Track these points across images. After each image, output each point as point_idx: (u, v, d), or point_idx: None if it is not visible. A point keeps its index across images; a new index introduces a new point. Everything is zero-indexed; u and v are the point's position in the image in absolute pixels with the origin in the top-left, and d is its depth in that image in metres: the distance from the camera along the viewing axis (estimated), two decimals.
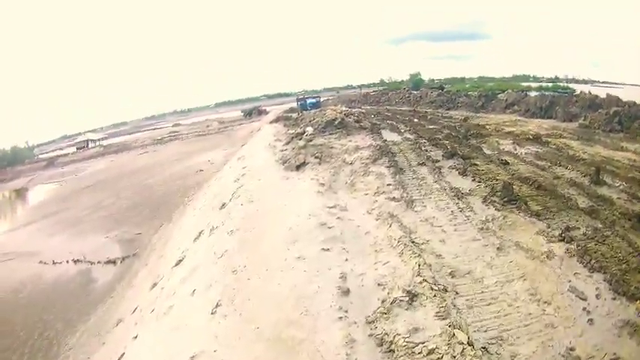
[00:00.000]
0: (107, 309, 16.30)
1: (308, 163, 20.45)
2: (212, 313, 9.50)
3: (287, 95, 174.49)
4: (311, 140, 26.05)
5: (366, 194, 15.68)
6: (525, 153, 20.56)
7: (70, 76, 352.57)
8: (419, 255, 10.14)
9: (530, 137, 23.99)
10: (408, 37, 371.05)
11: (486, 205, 13.65)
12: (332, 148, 23.32)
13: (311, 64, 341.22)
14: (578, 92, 44.68)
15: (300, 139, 26.90)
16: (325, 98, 71.17)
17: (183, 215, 22.99)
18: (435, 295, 8.53)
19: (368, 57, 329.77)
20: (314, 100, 51.84)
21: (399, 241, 11.06)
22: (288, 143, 26.53)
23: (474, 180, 16.18)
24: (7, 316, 17.25)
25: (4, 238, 28.95)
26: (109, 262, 20.58)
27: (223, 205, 17.31)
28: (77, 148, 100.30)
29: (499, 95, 46.10)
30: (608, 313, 8.40)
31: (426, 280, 8.92)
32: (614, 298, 8.70)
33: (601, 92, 37.16)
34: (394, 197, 14.79)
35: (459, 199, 14.42)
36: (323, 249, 11.09)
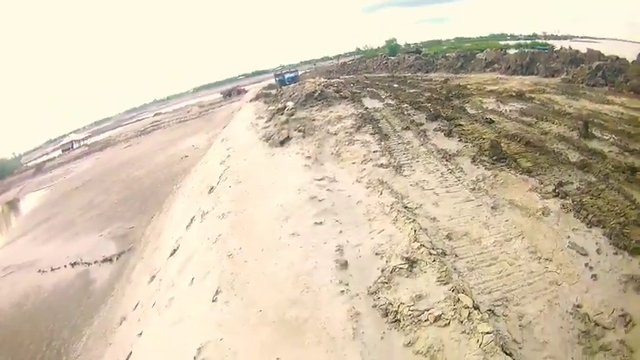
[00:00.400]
0: (109, 308, 16.13)
1: (292, 138, 20.24)
2: (213, 301, 9.30)
3: (265, 72, 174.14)
4: (292, 114, 25.81)
5: (354, 163, 15.53)
6: (510, 110, 20.42)
7: (48, 77, 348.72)
8: (413, 220, 10.04)
9: (514, 94, 23.82)
10: (383, 3, 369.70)
11: (476, 165, 13.60)
12: (314, 120, 23.15)
13: (286, 39, 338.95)
14: (557, 48, 44.68)
15: (282, 115, 26.66)
16: (303, 72, 70.53)
17: (174, 203, 22.84)
18: (434, 260, 8.42)
19: (343, 26, 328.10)
20: (292, 75, 51.61)
21: (391, 208, 10.94)
22: (270, 120, 26.22)
23: (460, 140, 16.07)
24: (14, 330, 17.11)
25: (1, 253, 28.48)
26: (105, 260, 20.36)
27: (211, 189, 17.08)
28: (62, 151, 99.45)
29: (478, 55, 45.83)
30: (612, 269, 8.41)
31: (423, 246, 8.79)
32: (616, 253, 8.72)
33: (581, 47, 37.18)
34: (382, 164, 14.68)
35: (447, 160, 14.35)
36: (316, 223, 10.92)
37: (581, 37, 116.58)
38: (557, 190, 11.15)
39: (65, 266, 21.07)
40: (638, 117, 17.94)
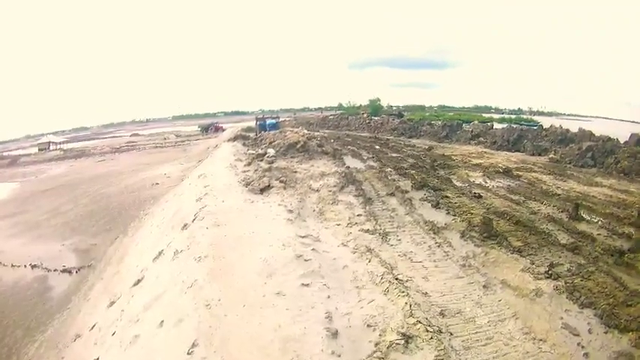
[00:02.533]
0: (64, 321, 15.51)
1: (272, 187, 20.05)
2: (188, 354, 8.82)
3: (244, 113, 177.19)
4: (273, 162, 25.88)
5: (338, 224, 15.35)
6: (497, 186, 20.62)
7: (37, 75, 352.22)
8: (407, 294, 9.75)
9: (501, 170, 24.14)
10: (372, 62, 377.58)
11: (465, 241, 13.44)
12: (296, 172, 23.19)
13: (269, 83, 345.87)
14: (543, 125, 45.49)
15: (262, 161, 26.67)
16: (282, 119, 70.94)
17: (140, 229, 22.10)
18: (431, 338, 8.17)
19: (328, 80, 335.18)
20: (273, 121, 52.26)
21: (382, 278, 10.60)
22: (249, 164, 26.10)
23: (448, 213, 16.04)
24: None
25: None
26: (65, 270, 19.82)
27: (185, 226, 16.37)
28: (39, 149, 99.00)
29: (464, 126, 46.61)
30: (602, 347, 8.50)
31: (420, 322, 8.53)
32: (606, 332, 8.81)
33: (568, 125, 37.89)
34: (368, 229, 14.52)
35: (434, 233, 14.22)
36: (303, 284, 10.43)
37: (568, 115, 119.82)
38: (550, 272, 11.03)
39: (25, 266, 20.62)
40: (626, 200, 18.43)
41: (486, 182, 21.48)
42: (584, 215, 15.91)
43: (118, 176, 42.04)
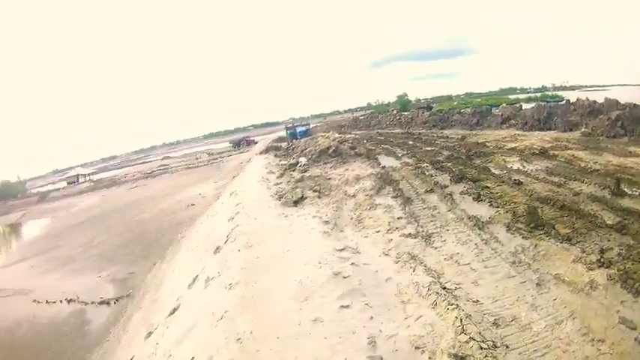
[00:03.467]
0: (103, 354, 15.04)
1: (306, 198, 19.22)
2: None
3: (275, 124, 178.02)
4: (306, 171, 25.17)
5: (378, 231, 14.26)
6: (536, 169, 19.40)
7: (60, 109, 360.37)
8: (457, 306, 8.69)
9: (536, 152, 22.95)
10: (391, 58, 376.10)
11: (512, 234, 12.29)
12: (330, 179, 22.22)
13: (296, 92, 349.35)
14: (569, 99, 44.18)
15: (294, 171, 26.10)
16: (313, 125, 70.83)
17: (177, 254, 21.61)
18: (486, 356, 7.21)
19: (353, 81, 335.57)
20: (304, 129, 51.30)
21: (428, 289, 9.54)
22: (282, 176, 25.46)
23: (490, 205, 14.83)
24: (2, 357, 16.45)
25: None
26: (102, 302, 19.44)
27: (218, 249, 15.69)
28: (68, 183, 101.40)
29: (494, 110, 45.43)
30: None
31: (473, 339, 7.53)
32: None
33: (594, 96, 36.41)
34: (410, 233, 13.44)
35: (480, 229, 13.06)
36: (342, 306, 9.37)
37: (590, 87, 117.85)
38: (601, 260, 9.93)
39: (61, 301, 20.30)
40: None
41: (524, 166, 20.28)
42: (626, 190, 14.80)
43: (152, 201, 42.06)
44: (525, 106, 45.02)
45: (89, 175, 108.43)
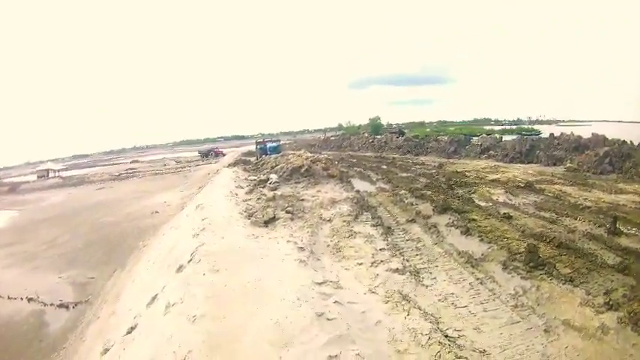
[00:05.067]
0: None
1: (278, 219, 17.86)
2: None
3: (244, 137, 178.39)
4: (276, 189, 24.28)
5: (360, 264, 12.99)
6: (524, 203, 18.67)
7: (38, 102, 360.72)
8: (465, 358, 7.66)
9: (522, 185, 22.36)
10: (369, 80, 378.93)
11: (509, 273, 11.28)
12: (303, 200, 21.28)
13: (268, 107, 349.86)
14: (544, 133, 44.27)
15: (264, 187, 25.17)
16: (283, 142, 69.98)
17: (137, 264, 20.34)
18: None
19: (327, 101, 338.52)
20: (274, 145, 50.97)
21: (429, 338, 8.36)
22: (251, 192, 24.27)
23: (481, 240, 13.74)
24: None
25: None
26: (61, 305, 18.30)
27: (180, 268, 13.74)
28: (38, 177, 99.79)
29: (473, 140, 44.89)
30: None
31: None
32: None
33: (569, 132, 36.45)
34: (397, 268, 12.21)
35: (472, 266, 12.07)
36: (330, 357, 8.05)
37: (567, 121, 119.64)
38: (609, 302, 9.39)
39: (22, 299, 19.20)
40: None
41: (510, 199, 19.46)
42: (621, 228, 14.33)
43: (118, 204, 41.19)
44: (505, 137, 44.55)
45: (59, 171, 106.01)
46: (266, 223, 17.36)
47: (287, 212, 18.62)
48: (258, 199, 21.75)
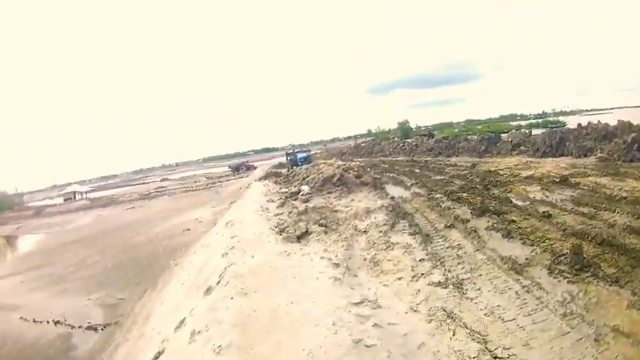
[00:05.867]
0: None
1: (312, 233, 17.18)
2: None
3: (274, 150, 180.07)
4: (308, 201, 23.62)
5: (399, 278, 12.20)
6: (561, 199, 17.78)
7: (64, 125, 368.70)
8: None
9: (557, 180, 21.36)
10: (392, 85, 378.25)
11: (555, 278, 10.54)
12: (336, 211, 20.52)
13: (296, 118, 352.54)
14: (569, 124, 43.36)
15: (296, 200, 24.54)
16: (313, 152, 69.44)
17: (168, 284, 19.72)
18: None
19: (353, 108, 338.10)
20: (305, 155, 50.00)
21: None
22: (282, 205, 23.67)
23: (524, 243, 12.95)
24: None
25: None
26: (90, 327, 18.19)
27: (209, 290, 13.05)
28: (64, 199, 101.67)
29: (503, 137, 43.94)
30: None
31: None
32: None
33: (594, 120, 35.43)
34: (439, 281, 11.45)
35: (518, 273, 11.27)
36: None
37: (590, 110, 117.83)
38: None
39: (48, 322, 19.05)
40: None
41: (547, 196, 18.61)
42: None
43: (148, 224, 41.13)
44: (534, 132, 43.60)
45: (86, 192, 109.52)
46: (298, 238, 16.74)
47: (320, 225, 17.99)
48: (290, 212, 21.13)
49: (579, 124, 35.20)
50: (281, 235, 17.22)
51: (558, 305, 9.44)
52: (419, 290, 11.21)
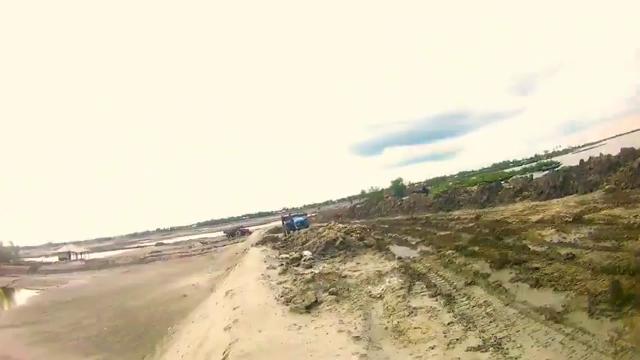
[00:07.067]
0: None
1: (322, 302, 15.79)
2: None
3: (269, 214, 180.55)
4: (311, 266, 23.02)
5: (432, 347, 10.62)
6: (579, 238, 16.92)
7: (62, 185, 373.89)
8: None
9: (570, 220, 20.63)
10: (383, 143, 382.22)
11: (597, 319, 9.62)
12: (345, 277, 19.55)
13: (289, 183, 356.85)
14: (564, 164, 43.55)
15: (298, 265, 23.92)
16: (308, 215, 69.30)
17: (166, 353, 18.42)
18: None
19: (345, 170, 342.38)
20: (301, 219, 50.44)
21: None
22: (284, 272, 22.82)
23: (555, 290, 11.93)
24: None
25: None
26: None
27: None
28: (59, 259, 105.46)
29: (504, 184, 43.59)
30: None
31: None
32: None
33: (586, 157, 35.63)
34: (478, 346, 10.02)
35: (557, 322, 10.17)
36: None
37: (582, 146, 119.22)
38: None
39: None
40: None
41: (565, 237, 17.71)
42: None
43: (144, 288, 41.25)
44: (535, 175, 43.56)
45: (81, 253, 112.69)
46: (308, 309, 15.31)
47: (330, 293, 16.70)
48: (295, 280, 20.20)
49: (581, 160, 34.97)
50: (288, 305, 15.97)
51: (607, 345, 8.59)
52: (459, 359, 9.81)
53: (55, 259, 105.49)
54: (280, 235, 47.92)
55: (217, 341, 13.53)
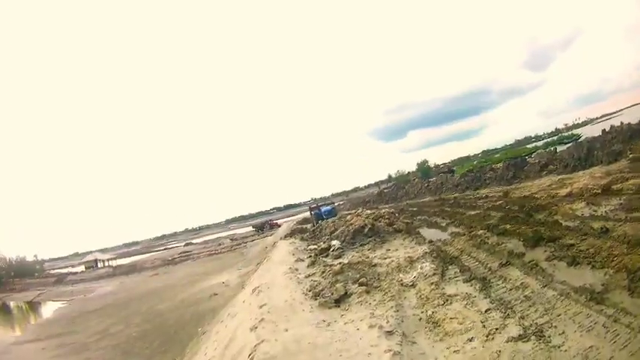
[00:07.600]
0: None
1: (352, 295, 15.32)
2: None
3: (297, 206, 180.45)
4: (340, 256, 22.58)
5: (470, 339, 9.94)
6: (611, 210, 16.52)
7: (84, 194, 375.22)
8: None
9: (599, 191, 20.30)
10: (407, 126, 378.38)
11: (638, 297, 9.11)
12: (375, 265, 19.02)
13: (316, 172, 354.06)
14: (585, 135, 42.89)
15: (327, 256, 23.54)
16: (336, 203, 68.73)
17: (196, 355, 18.13)
18: None
19: (371, 156, 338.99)
20: (329, 208, 49.74)
21: None
22: (313, 264, 22.56)
23: (593, 267, 11.41)
24: None
25: (12, 351, 28.66)
26: None
27: None
28: (86, 267, 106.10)
29: (529, 159, 43.12)
30: None
31: None
32: None
33: (605, 127, 36.19)
34: (518, 335, 9.35)
35: (597, 303, 9.57)
36: None
37: (600, 117, 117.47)
38: None
39: None
40: None
41: (596, 210, 17.31)
42: None
43: (173, 290, 41.06)
44: (559, 149, 43.08)
45: (108, 260, 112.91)
46: (337, 302, 14.97)
47: (360, 285, 16.18)
48: (323, 272, 19.87)
49: (603, 130, 34.48)
50: (316, 300, 15.67)
51: None
52: (500, 351, 9.05)
53: (82, 268, 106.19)
54: (309, 225, 47.62)
55: (243, 342, 13.27)
